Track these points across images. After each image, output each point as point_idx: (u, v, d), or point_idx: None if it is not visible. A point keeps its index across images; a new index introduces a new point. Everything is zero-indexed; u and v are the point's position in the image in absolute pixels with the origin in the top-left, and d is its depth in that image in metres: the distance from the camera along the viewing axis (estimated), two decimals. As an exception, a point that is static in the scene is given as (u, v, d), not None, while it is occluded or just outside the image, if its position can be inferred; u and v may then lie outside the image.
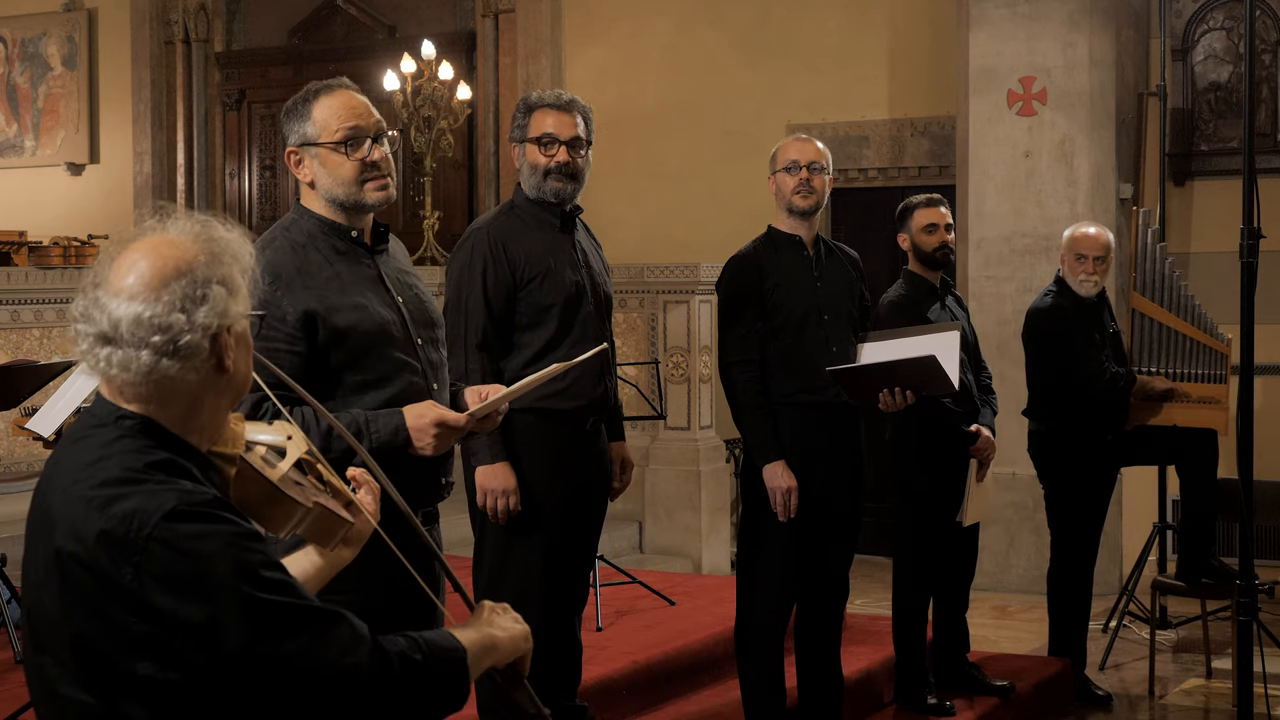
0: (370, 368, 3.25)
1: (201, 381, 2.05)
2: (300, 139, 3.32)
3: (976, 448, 5.47)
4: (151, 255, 2.05)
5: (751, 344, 4.68)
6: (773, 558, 4.73)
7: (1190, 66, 8.56)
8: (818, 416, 4.72)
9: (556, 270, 4.21)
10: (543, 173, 4.23)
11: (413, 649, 2.06)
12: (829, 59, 9.47)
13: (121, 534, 1.92)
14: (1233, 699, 5.60)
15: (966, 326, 5.72)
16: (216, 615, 1.92)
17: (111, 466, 1.98)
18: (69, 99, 11.72)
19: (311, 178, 3.33)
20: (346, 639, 1.99)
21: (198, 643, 1.92)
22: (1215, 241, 8.02)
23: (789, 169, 4.76)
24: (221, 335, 2.05)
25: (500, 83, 10.40)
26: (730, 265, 4.82)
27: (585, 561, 4.43)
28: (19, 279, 7.51)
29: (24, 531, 2.11)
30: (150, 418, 2.04)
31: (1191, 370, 6.34)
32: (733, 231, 6.21)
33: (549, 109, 4.28)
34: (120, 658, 1.94)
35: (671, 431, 8.44)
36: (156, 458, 2.00)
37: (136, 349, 2.01)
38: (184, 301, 2.02)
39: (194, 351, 2.02)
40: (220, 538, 1.94)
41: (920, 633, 5.64)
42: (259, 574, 1.95)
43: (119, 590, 1.92)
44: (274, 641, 1.93)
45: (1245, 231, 4.82)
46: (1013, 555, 8.21)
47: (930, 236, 5.60)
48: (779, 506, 4.62)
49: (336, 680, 1.98)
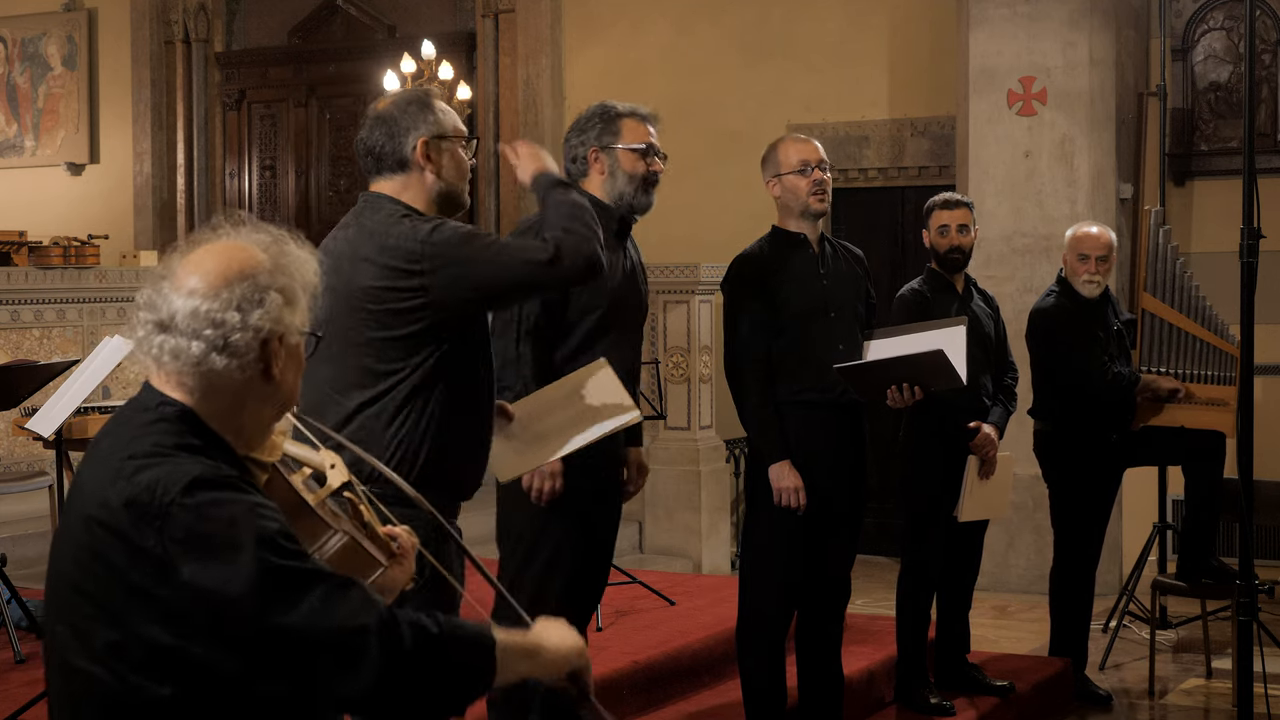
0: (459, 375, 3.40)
1: (246, 382, 2.14)
2: (433, 131, 3.47)
3: (975, 444, 5.47)
4: (219, 256, 2.16)
5: (759, 343, 4.67)
6: (775, 558, 4.72)
7: (1190, 66, 8.56)
8: (823, 415, 4.72)
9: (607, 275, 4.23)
10: (642, 181, 4.28)
11: (430, 622, 2.09)
12: (829, 59, 9.47)
13: (146, 500, 2.01)
14: (1233, 699, 5.60)
15: (993, 326, 5.73)
16: (234, 579, 1.98)
17: (144, 444, 2.09)
18: (69, 99, 11.72)
19: (439, 168, 3.48)
20: (357, 602, 2.04)
21: (214, 606, 1.99)
22: (1215, 241, 8.01)
23: (801, 171, 4.75)
24: (272, 341, 2.14)
25: (500, 83, 10.40)
26: (736, 264, 4.80)
27: (603, 564, 4.43)
28: (19, 279, 7.51)
29: (24, 532, 2.17)
30: (191, 409, 2.14)
31: (1200, 371, 6.30)
32: (733, 231, 6.21)
33: (641, 120, 4.33)
34: (138, 625, 2.01)
35: (671, 431, 8.44)
36: (189, 441, 2.09)
37: (189, 339, 2.12)
38: (241, 302, 2.13)
39: (243, 350, 2.12)
40: (240, 505, 2.03)
41: (923, 632, 5.64)
42: (276, 541, 2.02)
43: (143, 555, 2.00)
44: (287, 605, 1.99)
45: (1245, 231, 4.82)
46: (1013, 555, 8.21)
47: (941, 238, 5.62)
48: (785, 505, 4.61)
49: (344, 640, 2.01)
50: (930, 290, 5.60)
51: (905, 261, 9.37)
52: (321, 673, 2.02)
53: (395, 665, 2.02)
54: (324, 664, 2.01)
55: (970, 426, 5.46)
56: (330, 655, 2.01)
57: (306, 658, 2.01)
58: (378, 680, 2.02)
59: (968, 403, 5.43)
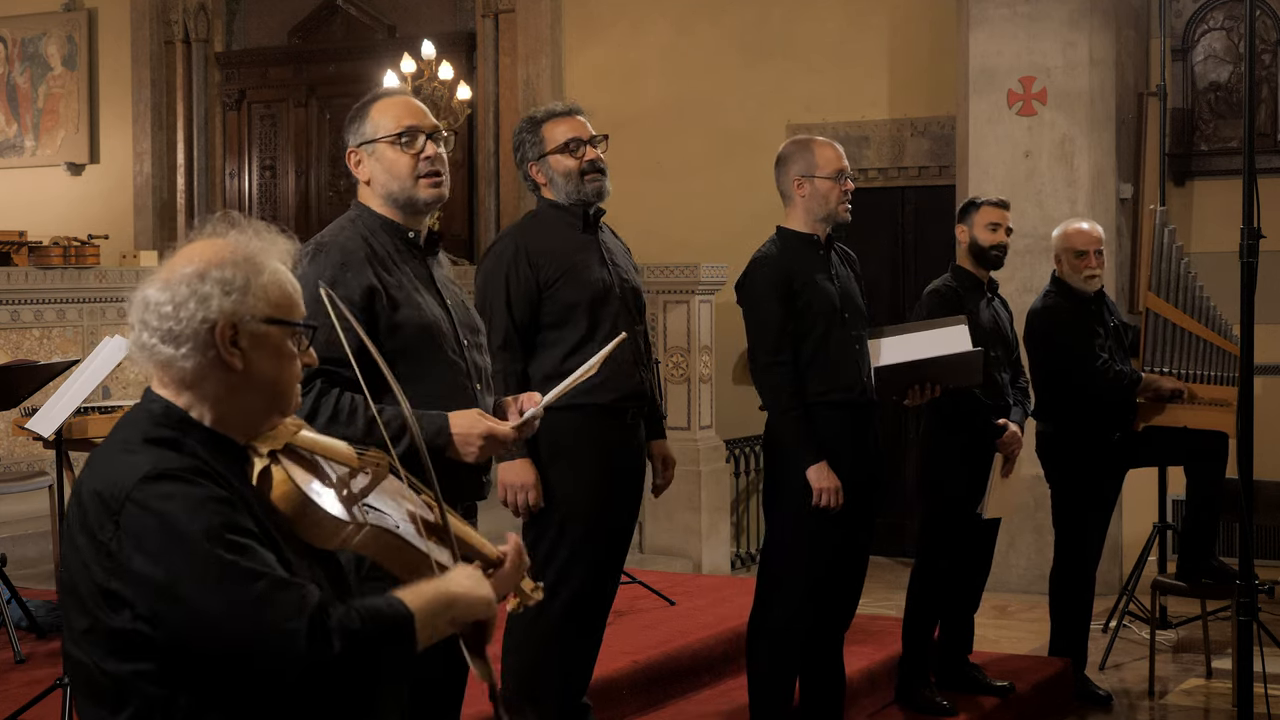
0: (417, 362, 3.33)
1: (204, 372, 2.20)
2: (360, 139, 3.44)
3: (1003, 441, 5.49)
4: (182, 253, 2.25)
5: (785, 344, 4.67)
6: (802, 559, 4.70)
7: (1190, 66, 8.56)
8: (847, 415, 4.72)
9: (582, 268, 4.26)
10: (579, 174, 4.28)
11: (353, 618, 2.11)
12: (829, 59, 9.47)
13: (108, 494, 2.11)
14: (1233, 699, 5.59)
15: (1009, 328, 5.79)
16: (175, 570, 2.05)
17: (119, 437, 2.19)
18: (69, 99, 11.72)
19: (369, 176, 3.44)
20: (290, 604, 2.07)
21: (153, 594, 2.06)
22: (1215, 241, 8.01)
23: (835, 177, 4.74)
24: (220, 328, 2.19)
25: (500, 83, 10.40)
26: (755, 267, 4.77)
27: (620, 556, 4.47)
28: (19, 279, 7.50)
29: (24, 532, 2.25)
30: (174, 404, 2.21)
31: (1204, 371, 6.27)
32: (733, 231, 6.22)
33: (558, 118, 4.33)
34: (103, 613, 2.09)
35: (672, 431, 8.34)
36: (158, 434, 2.17)
37: (142, 331, 2.22)
38: (187, 293, 2.19)
39: (186, 338, 2.19)
40: (189, 499, 2.09)
41: (931, 629, 5.65)
42: (221, 534, 2.07)
43: (102, 547, 2.09)
44: (219, 598, 2.04)
45: (1245, 231, 4.82)
46: (1013, 555, 8.21)
47: (992, 234, 5.66)
48: (825, 505, 4.60)
49: (272, 641, 2.05)
50: (961, 287, 5.63)
51: (905, 261, 9.37)
52: (249, 668, 2.07)
53: (321, 666, 2.07)
54: (251, 661, 2.07)
55: (999, 424, 5.49)
56: (258, 653, 2.06)
57: (234, 653, 2.06)
58: (303, 675, 2.07)
59: (993, 401, 5.46)
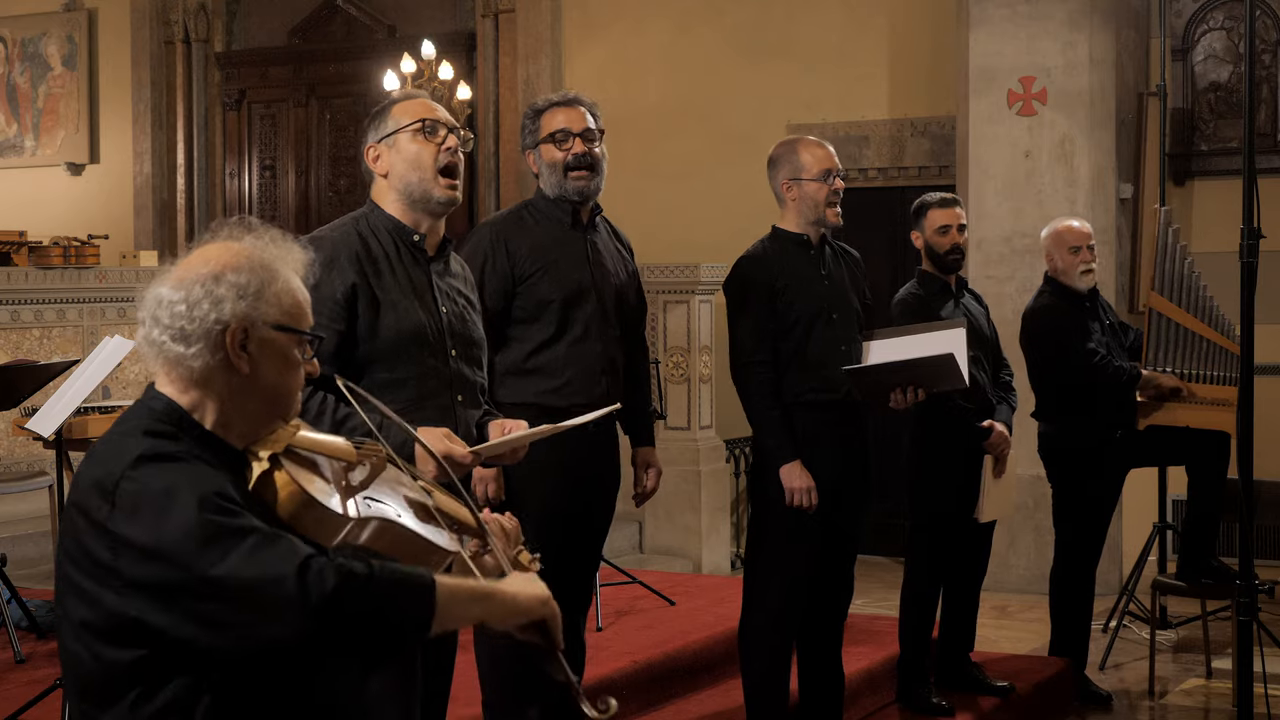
0: (394, 367, 3.33)
1: (210, 373, 2.26)
2: (380, 134, 3.45)
3: (990, 443, 5.47)
4: (198, 254, 2.31)
5: (765, 343, 4.66)
6: (785, 558, 4.70)
7: (1190, 66, 8.56)
8: (828, 415, 4.71)
9: (560, 266, 4.20)
10: (562, 168, 4.22)
11: (359, 565, 2.15)
12: (829, 59, 9.47)
13: (104, 479, 2.18)
14: (1233, 699, 5.60)
15: (986, 324, 5.72)
16: (168, 532, 2.11)
17: (118, 432, 2.26)
18: (69, 99, 11.72)
19: (388, 168, 3.44)
20: (282, 551, 2.12)
21: (152, 560, 2.11)
22: (1215, 241, 8.00)
23: (824, 178, 4.74)
24: (231, 331, 2.25)
25: (500, 83, 10.40)
26: (739, 265, 4.78)
27: (590, 562, 4.42)
28: (19, 279, 7.50)
29: (24, 531, 2.27)
30: (175, 402, 2.27)
31: (1207, 371, 6.25)
32: (733, 231, 6.21)
33: (556, 108, 4.30)
34: (104, 600, 2.14)
35: (671, 431, 8.44)
36: (154, 428, 2.23)
37: (153, 327, 2.27)
38: (201, 294, 2.25)
39: (195, 338, 2.24)
40: (179, 473, 2.16)
41: (927, 631, 5.64)
42: (211, 499, 2.14)
43: (98, 526, 2.16)
44: (216, 555, 2.10)
45: (1245, 231, 4.82)
46: (1013, 555, 8.21)
47: (943, 238, 5.56)
48: (797, 505, 4.60)
49: (265, 587, 2.10)
50: (927, 293, 5.58)
51: (905, 261, 9.34)
52: (249, 620, 2.11)
53: (320, 608, 2.10)
54: (250, 611, 2.11)
55: (983, 426, 5.46)
56: (255, 602, 2.10)
57: (234, 606, 2.11)
58: (305, 623, 2.10)
59: (977, 403, 5.43)
